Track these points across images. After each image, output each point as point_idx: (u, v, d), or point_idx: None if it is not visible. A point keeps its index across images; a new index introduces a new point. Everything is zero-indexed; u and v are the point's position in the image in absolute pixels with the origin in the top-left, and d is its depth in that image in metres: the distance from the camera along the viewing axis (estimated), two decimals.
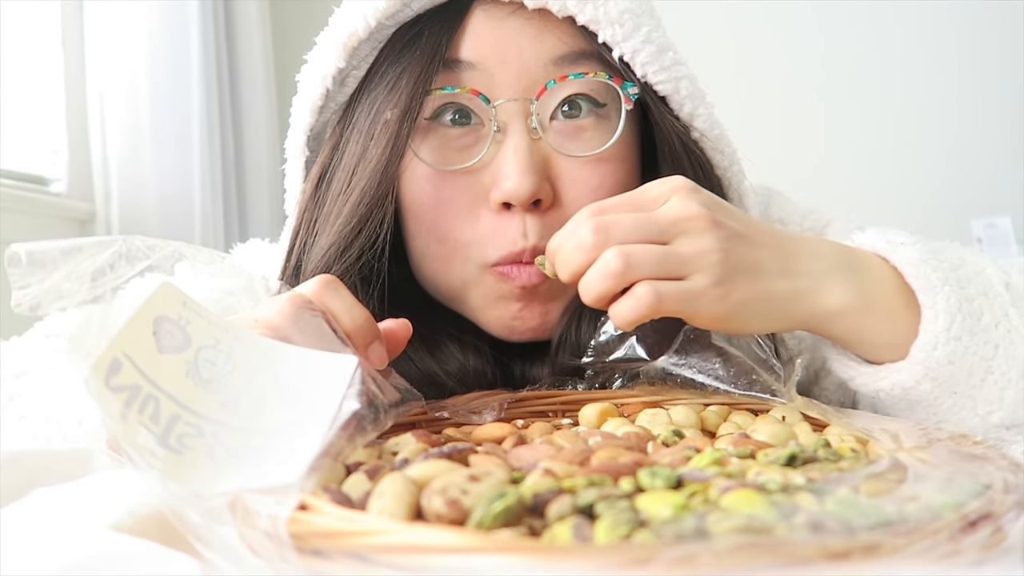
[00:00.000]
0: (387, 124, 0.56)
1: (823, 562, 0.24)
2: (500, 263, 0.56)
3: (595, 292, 0.43)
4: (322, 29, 0.60)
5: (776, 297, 0.46)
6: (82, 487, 0.36)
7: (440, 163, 0.56)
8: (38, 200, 1.57)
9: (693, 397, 0.51)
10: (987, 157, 1.99)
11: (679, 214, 0.44)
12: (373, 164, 0.56)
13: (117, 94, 1.71)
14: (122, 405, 0.32)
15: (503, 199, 0.54)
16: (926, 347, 0.47)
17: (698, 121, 0.57)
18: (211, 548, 0.30)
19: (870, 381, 0.50)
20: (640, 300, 0.42)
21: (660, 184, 0.47)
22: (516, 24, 0.55)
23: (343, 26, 0.57)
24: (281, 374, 0.37)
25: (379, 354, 0.46)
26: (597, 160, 0.57)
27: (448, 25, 0.56)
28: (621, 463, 0.34)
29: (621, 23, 0.54)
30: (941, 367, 0.47)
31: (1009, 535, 0.27)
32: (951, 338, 0.47)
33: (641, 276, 0.43)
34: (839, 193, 2.02)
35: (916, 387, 0.48)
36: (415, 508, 0.30)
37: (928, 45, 2.04)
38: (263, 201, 1.95)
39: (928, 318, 0.47)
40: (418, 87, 0.55)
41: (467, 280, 0.58)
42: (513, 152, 0.54)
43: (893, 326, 0.48)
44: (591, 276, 0.43)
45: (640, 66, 0.55)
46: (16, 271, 0.37)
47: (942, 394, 0.48)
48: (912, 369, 0.48)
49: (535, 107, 0.55)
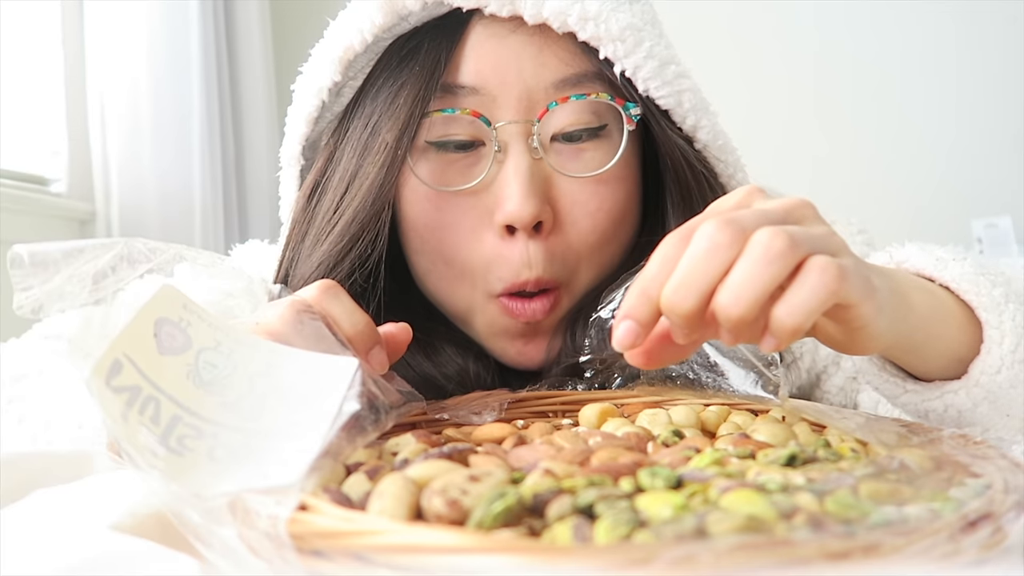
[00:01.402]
0: (384, 144, 0.55)
1: (823, 562, 0.24)
2: (505, 292, 0.56)
3: (758, 289, 0.33)
4: (322, 29, 0.60)
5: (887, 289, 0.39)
6: (83, 488, 0.36)
7: (441, 183, 0.56)
8: (38, 200, 1.57)
9: (693, 397, 0.51)
10: (987, 157, 1.99)
11: (787, 204, 0.37)
12: (368, 183, 0.55)
13: (117, 94, 1.71)
14: (123, 406, 0.32)
15: (506, 222, 0.54)
16: (989, 370, 0.43)
17: (701, 133, 0.57)
18: (211, 548, 0.30)
19: (919, 400, 0.46)
20: (827, 275, 0.33)
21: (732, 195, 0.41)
22: (517, 43, 0.55)
23: (339, 40, 0.57)
24: (282, 376, 0.37)
25: (380, 359, 0.46)
26: (597, 181, 0.56)
27: (447, 40, 0.55)
28: (621, 463, 0.34)
29: (623, 39, 0.53)
30: (1003, 391, 0.43)
31: (1009, 535, 0.27)
32: (1016, 361, 0.43)
33: (807, 253, 0.34)
34: (839, 193, 2.02)
35: (972, 410, 0.44)
36: (415, 508, 0.30)
37: (928, 45, 2.04)
38: (263, 201, 1.95)
39: (993, 339, 0.43)
40: (416, 107, 0.55)
41: (472, 306, 0.59)
42: (515, 173, 0.54)
43: (961, 336, 0.44)
44: (745, 272, 0.33)
45: (642, 81, 0.54)
46: (18, 273, 0.37)
47: (996, 416, 0.45)
48: (971, 392, 0.44)
49: (536, 128, 0.55)
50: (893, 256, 0.49)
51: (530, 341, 0.59)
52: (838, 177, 2.06)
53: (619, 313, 0.36)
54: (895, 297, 0.40)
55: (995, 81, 1.98)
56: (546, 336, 0.59)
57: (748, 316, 0.33)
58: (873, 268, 0.39)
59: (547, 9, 0.53)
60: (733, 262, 0.33)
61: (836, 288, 0.33)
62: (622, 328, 0.36)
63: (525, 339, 0.59)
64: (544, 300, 0.57)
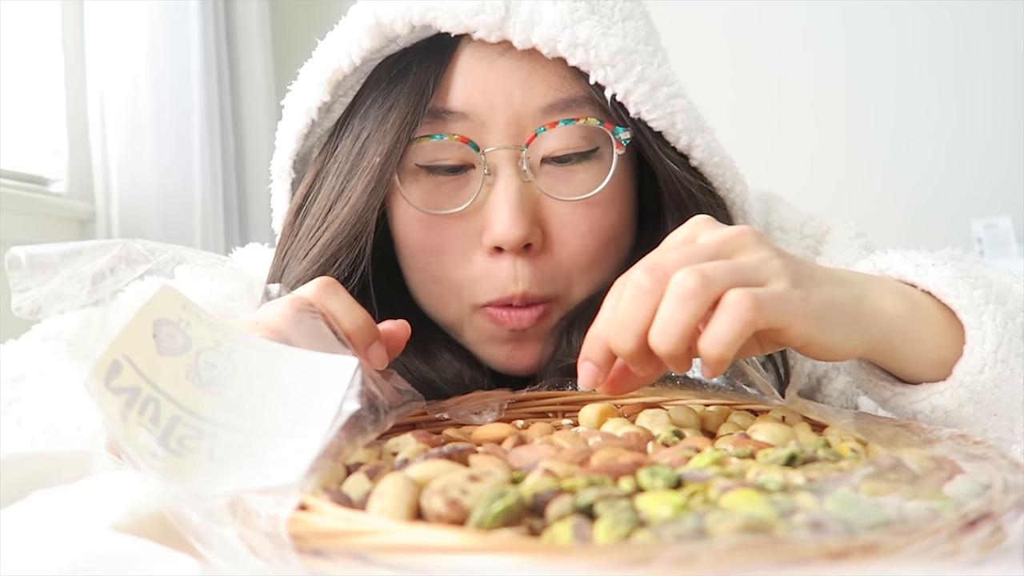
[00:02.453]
0: (371, 166, 0.55)
1: (823, 562, 0.24)
2: (491, 305, 0.57)
3: (678, 327, 0.36)
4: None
5: (842, 301, 0.41)
6: (83, 488, 0.36)
7: (431, 206, 0.56)
8: (38, 200, 1.57)
9: (693, 397, 0.51)
10: (987, 157, 1.99)
11: (724, 235, 0.41)
12: (350, 205, 0.55)
13: (117, 94, 1.71)
14: (122, 407, 0.32)
15: (494, 243, 0.55)
16: (972, 370, 0.44)
17: (696, 152, 0.56)
18: (211, 549, 0.30)
19: (907, 403, 0.47)
20: (739, 307, 0.36)
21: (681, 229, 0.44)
22: (506, 67, 0.54)
23: (327, 61, 0.57)
24: (281, 376, 0.37)
25: (379, 355, 0.46)
26: (588, 204, 0.56)
27: (436, 63, 0.55)
28: (621, 463, 0.34)
29: (613, 64, 0.53)
30: (987, 391, 0.44)
31: (1009, 535, 0.27)
32: (998, 360, 0.44)
33: (722, 287, 0.37)
34: (839, 193, 2.03)
35: (958, 411, 0.45)
36: (415, 508, 0.30)
37: (927, 45, 2.04)
38: (263, 200, 1.94)
39: (975, 339, 0.44)
40: (403, 132, 0.55)
41: (461, 318, 0.59)
42: (504, 196, 0.54)
43: (941, 339, 0.45)
44: (666, 313, 0.36)
45: (633, 105, 0.54)
46: (16, 274, 0.37)
47: (983, 416, 0.46)
48: (956, 392, 0.45)
49: (525, 153, 0.54)
50: (876, 264, 0.50)
51: (518, 347, 0.59)
52: (838, 177, 2.06)
53: (581, 356, 0.41)
54: (860, 305, 0.42)
55: (995, 81, 1.98)
56: (535, 342, 0.59)
57: (677, 350, 0.37)
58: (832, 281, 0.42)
59: (536, 35, 0.52)
60: (659, 303, 0.37)
61: (751, 318, 0.36)
62: (583, 370, 0.41)
63: (513, 345, 0.59)
64: (533, 310, 0.57)
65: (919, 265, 0.47)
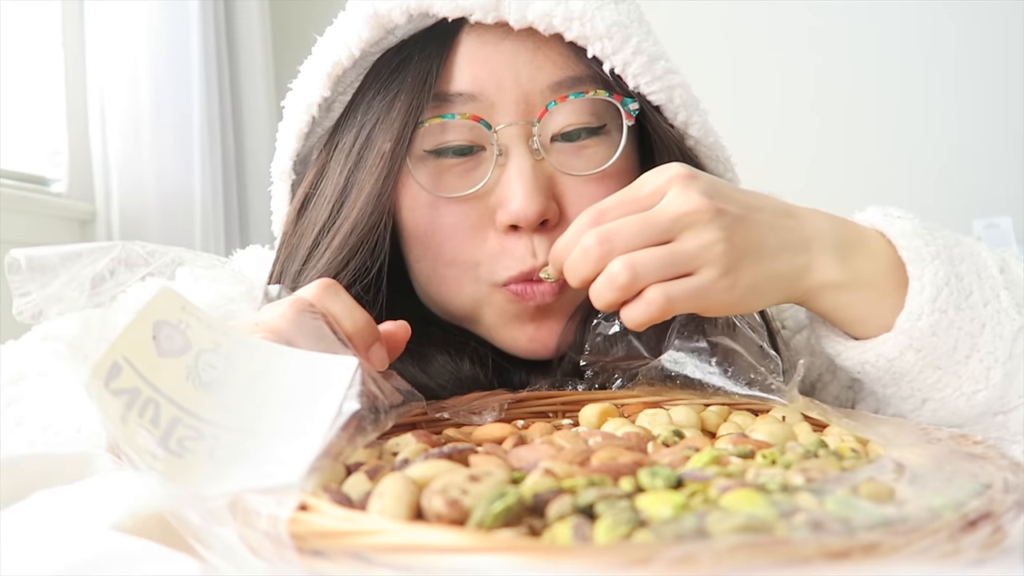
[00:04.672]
0: (381, 154, 0.55)
1: (823, 562, 0.24)
2: (511, 282, 0.56)
3: (605, 301, 0.45)
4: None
5: (778, 275, 0.47)
6: (83, 488, 0.36)
7: (443, 190, 0.56)
8: (38, 200, 1.57)
9: (693, 397, 0.51)
10: (987, 157, 1.99)
11: (679, 210, 0.44)
12: (365, 194, 0.55)
13: (117, 94, 1.71)
14: (122, 408, 0.32)
15: (511, 221, 0.54)
16: (911, 317, 0.47)
17: (693, 129, 0.57)
18: (211, 549, 0.30)
19: (856, 355, 0.50)
20: (651, 304, 0.43)
21: (656, 175, 0.46)
22: (511, 48, 0.55)
23: (327, 56, 0.57)
24: (281, 376, 0.37)
25: (380, 356, 0.46)
26: (600, 178, 0.57)
27: (437, 50, 0.56)
28: (621, 463, 0.34)
29: (610, 36, 0.53)
30: (925, 338, 0.47)
31: (1009, 535, 0.27)
32: (936, 309, 0.47)
33: (649, 282, 0.43)
34: (838, 193, 2.02)
35: (900, 358, 0.48)
36: (415, 508, 0.30)
37: (928, 45, 2.04)
38: (263, 201, 1.93)
39: (915, 289, 0.47)
40: (410, 116, 0.55)
41: (478, 299, 0.58)
42: (517, 174, 0.54)
43: (882, 303, 0.48)
44: (600, 287, 0.44)
45: (632, 77, 0.54)
46: (16, 278, 0.37)
47: (926, 367, 0.48)
48: (896, 339, 0.47)
49: (536, 128, 0.55)
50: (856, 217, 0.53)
51: (542, 324, 0.58)
52: (838, 177, 2.06)
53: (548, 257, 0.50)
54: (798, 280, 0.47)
55: (995, 81, 1.98)
56: (558, 320, 0.59)
57: (606, 311, 0.48)
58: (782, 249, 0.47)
59: (531, 12, 0.53)
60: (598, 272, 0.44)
61: (659, 313, 0.44)
62: None
63: (536, 323, 0.58)
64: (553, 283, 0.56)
65: (887, 215, 0.51)
